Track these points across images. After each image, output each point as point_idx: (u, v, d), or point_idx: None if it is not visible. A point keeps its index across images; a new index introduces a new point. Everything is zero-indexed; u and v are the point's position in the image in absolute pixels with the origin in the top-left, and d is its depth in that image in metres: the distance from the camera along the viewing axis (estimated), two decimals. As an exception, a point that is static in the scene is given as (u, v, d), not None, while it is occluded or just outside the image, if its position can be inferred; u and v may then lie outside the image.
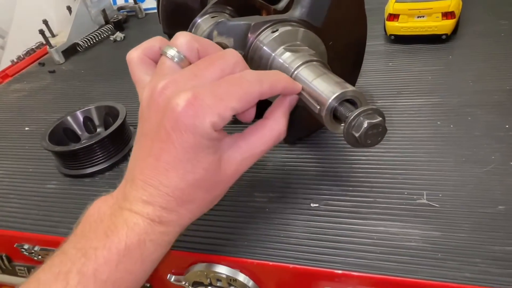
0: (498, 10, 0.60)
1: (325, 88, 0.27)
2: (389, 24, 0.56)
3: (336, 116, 0.26)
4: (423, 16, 0.54)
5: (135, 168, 0.26)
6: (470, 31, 0.56)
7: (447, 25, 0.53)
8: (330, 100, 0.25)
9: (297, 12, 0.35)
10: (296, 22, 0.35)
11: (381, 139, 0.24)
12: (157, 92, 0.25)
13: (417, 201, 0.32)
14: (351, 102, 0.26)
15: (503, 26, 0.56)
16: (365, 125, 0.23)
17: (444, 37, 0.54)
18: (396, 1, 0.56)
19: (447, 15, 0.53)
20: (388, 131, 0.40)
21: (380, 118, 0.24)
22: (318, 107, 0.26)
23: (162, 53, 0.27)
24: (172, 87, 0.25)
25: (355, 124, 0.24)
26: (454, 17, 0.53)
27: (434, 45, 0.55)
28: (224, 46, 0.35)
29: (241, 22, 0.34)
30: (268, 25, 0.34)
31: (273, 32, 0.33)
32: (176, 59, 0.27)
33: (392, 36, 0.57)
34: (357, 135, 0.24)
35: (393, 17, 0.55)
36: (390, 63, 0.53)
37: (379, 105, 0.45)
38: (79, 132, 0.49)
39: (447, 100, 0.43)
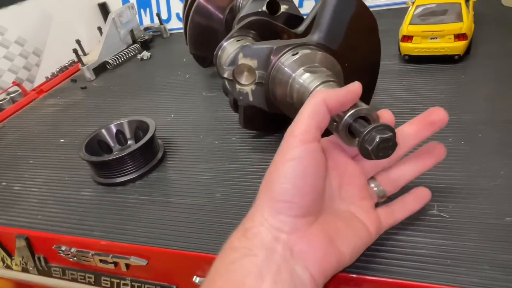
0: (510, 31, 0.62)
1: (341, 106, 0.29)
2: (403, 45, 0.59)
3: (350, 131, 0.29)
4: (436, 38, 0.56)
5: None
6: (482, 52, 0.58)
7: (459, 46, 0.55)
8: (345, 117, 0.28)
9: (315, 36, 0.38)
10: (314, 46, 0.38)
11: (392, 152, 0.27)
12: None
13: (429, 212, 0.35)
14: (365, 118, 0.29)
15: (514, 47, 0.58)
16: (377, 139, 0.26)
17: (456, 57, 0.56)
18: (410, 24, 0.59)
19: (459, 37, 0.55)
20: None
21: (391, 133, 0.26)
22: (334, 124, 0.29)
23: None
24: None
25: (368, 138, 0.26)
26: (466, 39, 0.55)
27: (447, 65, 0.57)
28: (248, 67, 0.39)
29: (264, 45, 0.38)
30: (289, 48, 0.37)
31: (294, 55, 0.36)
32: None
33: (406, 56, 0.60)
34: (370, 148, 0.26)
35: (407, 38, 0.58)
36: (404, 82, 0.56)
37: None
38: (112, 144, 0.53)
39: (459, 118, 0.46)
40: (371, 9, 0.40)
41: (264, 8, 0.48)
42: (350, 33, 0.38)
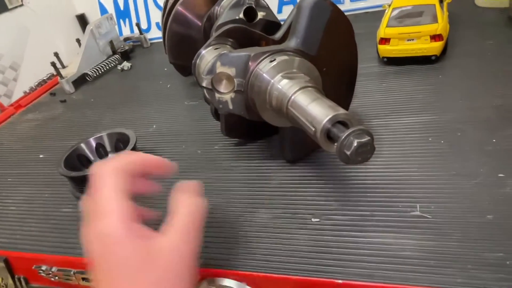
0: (484, 30, 0.63)
1: (319, 111, 0.29)
2: (381, 47, 0.60)
3: (329, 137, 0.29)
4: (413, 39, 0.57)
5: None
6: (459, 52, 0.60)
7: (435, 47, 0.56)
8: (323, 122, 0.28)
9: (292, 42, 0.38)
10: (292, 52, 0.38)
11: (370, 156, 0.27)
12: None
13: (411, 213, 0.35)
14: (343, 123, 0.28)
15: (489, 46, 0.59)
16: (355, 144, 0.26)
17: (433, 58, 0.57)
18: (387, 26, 0.59)
19: (435, 37, 0.56)
20: (382, 149, 0.43)
21: (369, 137, 0.26)
22: (313, 129, 0.29)
23: None
24: None
25: (346, 143, 0.26)
26: (442, 39, 0.56)
27: (425, 65, 0.58)
28: (227, 76, 0.38)
29: (241, 53, 0.38)
30: (266, 55, 0.37)
31: (271, 61, 0.36)
32: None
33: (385, 59, 0.60)
34: (348, 153, 0.26)
35: (385, 41, 0.59)
36: (384, 84, 0.56)
37: (374, 124, 0.47)
38: (92, 158, 0.52)
39: (438, 118, 0.46)
40: (349, 13, 0.41)
41: (241, 16, 0.47)
42: (326, 38, 0.38)
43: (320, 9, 0.37)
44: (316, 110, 0.30)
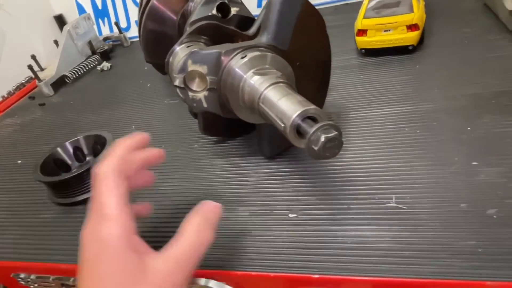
0: (461, 18, 0.64)
1: (289, 107, 0.29)
2: (358, 39, 0.59)
3: (299, 132, 0.29)
4: (390, 30, 0.57)
5: None
6: (436, 41, 0.60)
7: (412, 37, 0.56)
8: (293, 118, 0.28)
9: (264, 37, 0.38)
10: (264, 47, 0.37)
11: (338, 151, 0.27)
12: None
13: (387, 205, 0.35)
14: (313, 119, 0.28)
15: (466, 34, 0.59)
16: (323, 139, 0.26)
17: (410, 47, 0.57)
18: (364, 17, 0.59)
19: (411, 27, 0.56)
20: (360, 141, 0.43)
21: (336, 132, 0.26)
22: (282, 125, 0.29)
23: None
24: None
25: (314, 138, 0.26)
26: (418, 29, 0.56)
27: (402, 55, 0.58)
28: (199, 74, 0.38)
29: (212, 50, 0.37)
30: (237, 51, 0.37)
31: (242, 58, 0.36)
32: None
33: (363, 50, 0.60)
34: (316, 148, 0.26)
35: (362, 32, 0.59)
36: (362, 76, 0.56)
37: (351, 117, 0.47)
38: (69, 162, 0.51)
39: (415, 108, 0.46)
40: (329, 5, 0.40)
41: (214, 12, 0.47)
42: (298, 32, 0.38)
43: (290, 3, 0.37)
44: (286, 106, 0.30)
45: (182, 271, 0.27)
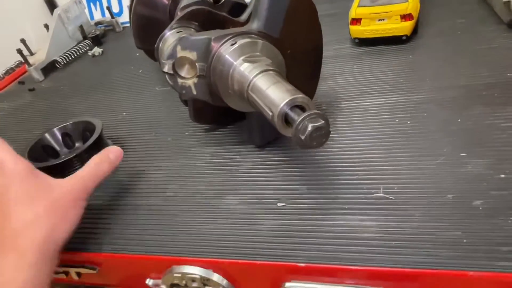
0: (455, 9, 0.63)
1: (277, 95, 0.29)
2: (352, 28, 0.59)
3: (287, 121, 0.28)
4: (384, 19, 0.56)
5: None
6: (430, 31, 0.59)
7: (406, 27, 0.56)
8: (280, 106, 0.28)
9: (255, 24, 0.37)
10: (255, 34, 0.37)
11: (325, 140, 0.27)
12: None
13: (375, 195, 0.35)
14: (301, 107, 0.28)
15: (460, 25, 0.59)
16: (309, 128, 0.25)
17: (404, 38, 0.57)
18: (358, 6, 0.58)
19: (405, 17, 0.55)
20: (350, 131, 0.43)
21: (323, 121, 0.26)
22: (270, 113, 0.29)
23: None
24: None
25: (301, 128, 0.26)
26: (412, 19, 0.56)
27: (396, 45, 0.57)
28: (189, 60, 0.37)
29: (202, 36, 0.36)
30: (227, 38, 0.36)
31: (232, 44, 0.35)
32: None
33: (357, 40, 0.60)
34: (302, 137, 0.26)
35: (356, 21, 0.58)
36: (355, 65, 0.56)
37: (343, 106, 0.47)
38: (58, 148, 0.50)
39: (406, 98, 0.46)
40: None
41: (206, -3, 0.46)
42: (289, 19, 0.37)
43: (282, -11, 0.36)
44: (274, 94, 0.29)
45: (82, 189, 0.36)
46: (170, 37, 0.43)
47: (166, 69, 0.38)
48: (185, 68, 0.38)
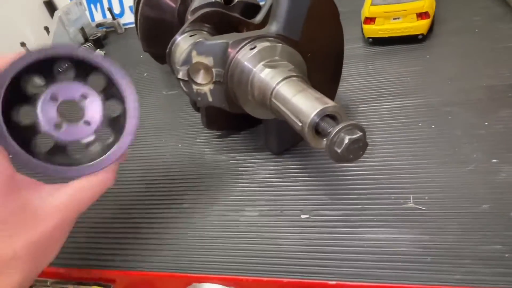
0: (471, 7, 0.61)
1: (306, 104, 0.27)
2: (366, 27, 0.57)
3: (318, 132, 0.26)
4: (399, 18, 0.55)
5: None
6: (446, 30, 0.57)
7: (422, 25, 0.54)
8: (311, 117, 0.26)
9: (273, 27, 0.35)
10: (273, 37, 0.35)
11: (363, 153, 0.25)
12: None
13: (404, 205, 0.33)
14: (332, 117, 0.26)
15: (476, 23, 0.57)
16: (346, 140, 0.24)
17: (420, 37, 0.55)
18: (371, 5, 0.57)
19: (421, 15, 0.54)
20: (371, 136, 0.41)
21: (361, 133, 0.24)
22: (300, 124, 0.27)
23: None
24: None
25: (336, 140, 0.24)
26: (429, 17, 0.54)
27: (412, 45, 0.56)
28: (204, 66, 0.35)
29: (218, 41, 0.35)
30: (246, 42, 0.34)
31: (251, 49, 0.33)
32: None
33: (370, 39, 0.58)
34: (339, 151, 0.24)
35: (370, 20, 0.56)
36: (370, 66, 0.54)
37: (360, 110, 0.45)
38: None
39: (427, 101, 0.44)
40: None
41: (217, -2, 0.44)
42: (310, 21, 0.35)
43: (302, -10, 0.34)
44: (302, 103, 0.27)
45: (75, 210, 0.27)
46: (182, 41, 0.41)
47: (180, 75, 0.36)
48: (200, 74, 0.36)
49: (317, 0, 0.35)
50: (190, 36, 0.40)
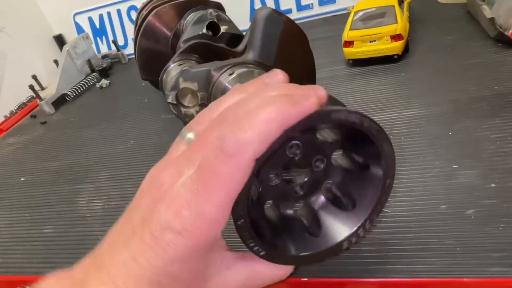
0: (444, 26, 0.66)
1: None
2: (346, 50, 0.62)
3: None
4: (375, 41, 0.59)
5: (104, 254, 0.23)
6: (420, 49, 0.62)
7: (396, 46, 0.58)
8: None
9: (250, 55, 0.40)
10: (251, 64, 0.40)
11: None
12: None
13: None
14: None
15: (449, 41, 0.62)
16: None
17: (396, 57, 0.59)
18: (350, 29, 0.62)
19: (395, 37, 0.58)
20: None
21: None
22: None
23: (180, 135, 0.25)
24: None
25: None
26: (402, 39, 0.59)
27: (389, 64, 0.60)
28: (191, 91, 0.40)
29: (202, 68, 0.39)
30: (225, 68, 0.39)
31: (230, 74, 0.38)
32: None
33: (351, 61, 0.63)
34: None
35: (349, 43, 0.61)
36: (349, 86, 0.58)
37: (340, 125, 0.49)
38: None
39: (399, 115, 0.48)
40: (318, 17, 0.42)
41: (204, 30, 0.49)
42: (282, 48, 0.40)
43: (273, 21, 0.39)
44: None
45: None
46: (173, 69, 0.46)
47: (170, 99, 0.41)
48: (187, 98, 0.41)
49: (287, 29, 0.40)
50: (179, 65, 0.45)
